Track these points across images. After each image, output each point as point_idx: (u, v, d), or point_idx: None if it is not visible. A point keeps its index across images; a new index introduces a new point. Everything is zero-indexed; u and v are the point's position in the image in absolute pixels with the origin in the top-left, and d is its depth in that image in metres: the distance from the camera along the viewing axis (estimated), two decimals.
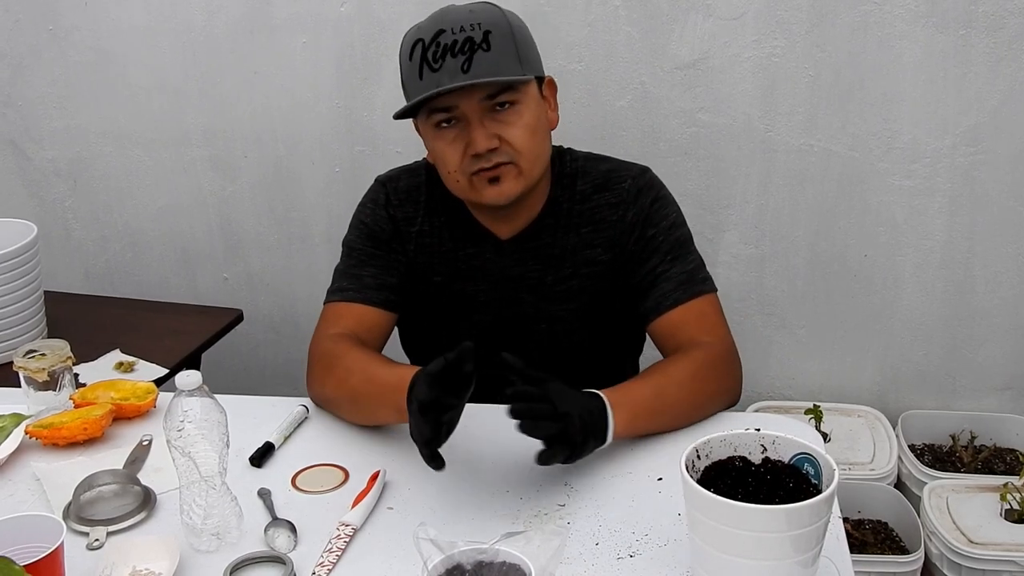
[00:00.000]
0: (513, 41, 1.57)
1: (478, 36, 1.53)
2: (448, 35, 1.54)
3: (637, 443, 1.52)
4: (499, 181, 1.60)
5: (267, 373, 2.90)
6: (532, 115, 1.60)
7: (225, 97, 2.65)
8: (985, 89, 2.37)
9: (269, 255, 2.80)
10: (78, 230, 2.87)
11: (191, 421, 1.29)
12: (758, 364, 2.66)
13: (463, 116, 1.57)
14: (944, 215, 2.49)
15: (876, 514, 2.45)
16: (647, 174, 1.74)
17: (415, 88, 1.57)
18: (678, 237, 1.70)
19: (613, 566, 1.29)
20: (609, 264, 1.71)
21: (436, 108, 1.58)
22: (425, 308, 1.76)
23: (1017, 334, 2.58)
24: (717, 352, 1.63)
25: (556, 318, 1.74)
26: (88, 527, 1.38)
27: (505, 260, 1.73)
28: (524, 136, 1.59)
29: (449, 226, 1.74)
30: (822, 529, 1.15)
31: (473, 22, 1.55)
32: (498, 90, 1.56)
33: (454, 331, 1.75)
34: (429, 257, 1.75)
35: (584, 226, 1.71)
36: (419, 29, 1.59)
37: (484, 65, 1.53)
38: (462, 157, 1.59)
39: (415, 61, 1.56)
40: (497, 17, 1.58)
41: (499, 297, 1.74)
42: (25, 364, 1.66)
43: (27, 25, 2.67)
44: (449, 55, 1.53)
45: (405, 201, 1.75)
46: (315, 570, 1.29)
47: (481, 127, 1.56)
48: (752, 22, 2.39)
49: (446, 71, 1.53)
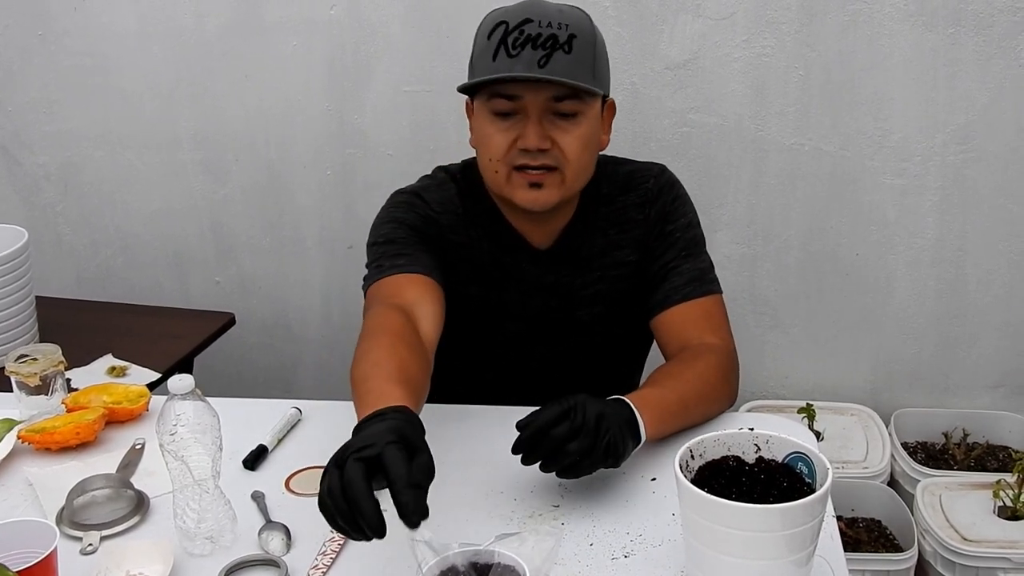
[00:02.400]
0: (594, 52, 1.57)
1: (563, 36, 1.52)
2: (534, 26, 1.52)
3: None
4: (540, 187, 1.58)
5: (260, 377, 2.89)
6: (589, 129, 1.59)
7: (216, 100, 2.65)
8: (975, 87, 2.38)
9: (261, 258, 2.79)
10: (69, 235, 2.86)
11: (184, 425, 1.29)
12: (751, 363, 2.66)
13: (523, 109, 1.55)
14: (935, 213, 2.50)
15: (870, 512, 2.45)
16: (667, 172, 1.76)
17: (485, 68, 1.55)
18: (694, 236, 1.73)
19: (607, 566, 1.29)
20: (636, 265, 1.72)
21: (500, 94, 1.55)
22: (454, 318, 1.66)
23: (1009, 331, 2.59)
24: (725, 356, 1.64)
25: (580, 323, 1.74)
26: (81, 532, 1.38)
27: (539, 269, 1.72)
28: (577, 147, 1.57)
29: (488, 237, 1.71)
30: (816, 528, 1.15)
31: (562, 21, 1.53)
32: (566, 94, 1.54)
33: (482, 340, 1.74)
34: (468, 268, 1.71)
35: (611, 228, 1.72)
36: (505, 12, 1.56)
37: (561, 65, 1.51)
38: (509, 147, 1.57)
39: (493, 41, 1.54)
40: (585, 25, 1.57)
41: (530, 305, 1.73)
42: (17, 368, 1.65)
43: (17, 30, 2.66)
44: (530, 46, 1.51)
45: (445, 211, 1.70)
46: (309, 573, 1.28)
47: (538, 124, 1.55)
48: (742, 22, 2.39)
49: (522, 60, 1.51)
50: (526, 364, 1.75)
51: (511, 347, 1.75)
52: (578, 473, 1.36)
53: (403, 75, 2.55)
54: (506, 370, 1.75)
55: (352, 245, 2.66)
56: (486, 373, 1.76)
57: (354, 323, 1.67)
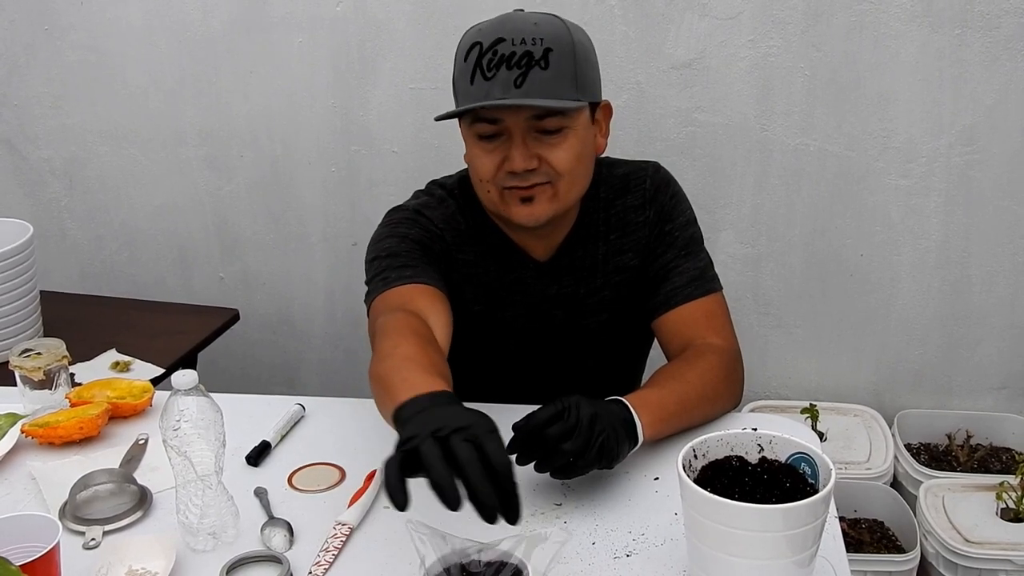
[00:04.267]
0: (573, 62, 1.50)
1: (538, 52, 1.46)
2: (507, 45, 1.47)
3: None
4: (531, 202, 1.55)
5: (263, 373, 2.89)
6: (578, 141, 1.55)
7: (221, 96, 2.65)
8: (980, 89, 2.37)
9: (265, 255, 2.80)
10: (74, 230, 2.87)
11: (187, 420, 1.29)
12: (754, 363, 2.65)
13: (506, 131, 1.51)
14: (940, 214, 2.49)
15: (872, 513, 2.45)
16: (661, 170, 1.73)
17: (464, 91, 1.52)
18: (692, 234, 1.71)
19: (610, 565, 1.29)
20: (638, 269, 1.70)
21: (481, 118, 1.52)
22: (459, 333, 1.61)
23: (1013, 333, 2.59)
24: (729, 357, 1.63)
25: (586, 331, 1.73)
26: (84, 526, 1.38)
27: (543, 281, 1.70)
28: (566, 161, 1.53)
29: (491, 254, 1.68)
30: (819, 528, 1.15)
31: (536, 36, 1.47)
32: (547, 112, 1.49)
33: (488, 355, 1.74)
34: (473, 286, 1.69)
35: (612, 232, 1.70)
36: (479, 31, 1.51)
37: (538, 84, 1.46)
38: (497, 170, 1.54)
39: (469, 63, 1.49)
40: (561, 34, 1.50)
41: (535, 319, 1.72)
42: (21, 363, 1.66)
43: (23, 24, 2.66)
44: (504, 66, 1.46)
45: (448, 228, 1.67)
46: (311, 569, 1.28)
47: (523, 146, 1.51)
48: (748, 22, 2.39)
49: (498, 82, 1.47)
50: (532, 374, 1.74)
51: (517, 360, 1.74)
52: (572, 474, 1.36)
53: (409, 73, 2.54)
54: (512, 380, 1.74)
55: (356, 242, 2.66)
56: (491, 383, 1.73)
57: (358, 320, 1.67)
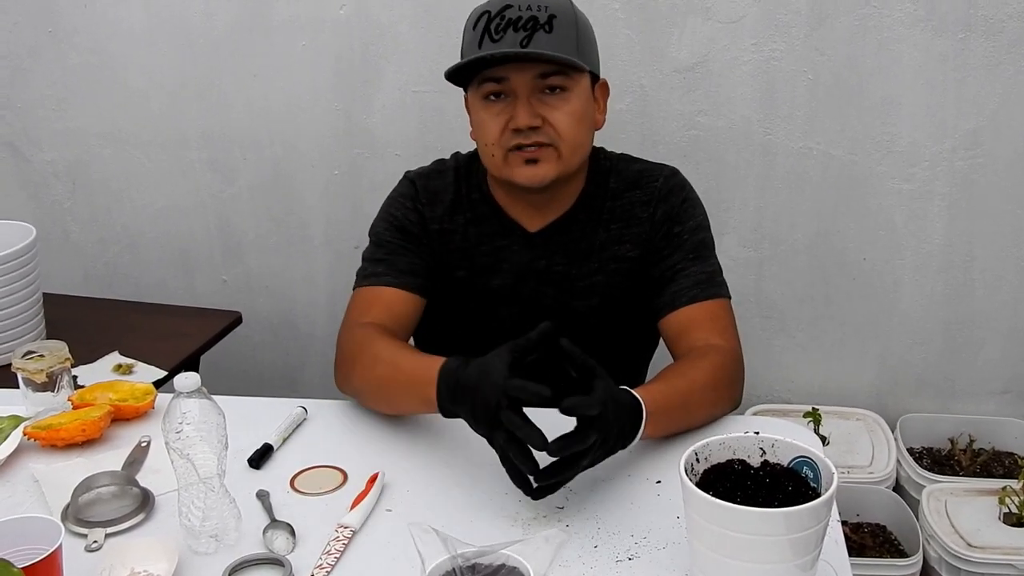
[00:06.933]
0: (576, 31, 1.62)
1: (543, 17, 1.58)
2: (514, 10, 1.58)
3: (636, 445, 1.52)
4: (536, 163, 1.63)
5: (265, 375, 2.89)
6: (580, 104, 1.63)
7: (224, 99, 2.65)
8: (984, 93, 2.37)
9: (268, 257, 2.80)
10: (77, 232, 2.87)
11: (190, 423, 1.29)
12: (757, 367, 2.66)
13: (512, 91, 1.61)
14: (943, 218, 2.49)
15: (875, 517, 2.45)
16: (678, 175, 1.78)
17: (472, 55, 1.60)
18: (702, 239, 1.74)
19: (612, 569, 1.29)
20: (636, 261, 1.74)
21: (488, 78, 1.61)
22: (447, 304, 1.78)
23: (1016, 337, 2.58)
24: (731, 358, 1.64)
25: (576, 313, 1.75)
26: (86, 529, 1.38)
27: (532, 252, 1.75)
28: (568, 122, 1.62)
29: (475, 222, 1.76)
30: (821, 532, 1.15)
31: (542, 4, 1.59)
32: (551, 71, 1.59)
33: (476, 326, 1.78)
34: (450, 254, 1.77)
35: (614, 222, 1.74)
36: (488, 2, 1.63)
37: (543, 44, 1.57)
38: (502, 131, 1.62)
39: (477, 31, 1.60)
40: (565, 6, 1.63)
41: (523, 290, 1.76)
42: (24, 365, 1.66)
43: (26, 27, 2.67)
44: (511, 29, 1.57)
45: (431, 201, 1.78)
46: (313, 572, 1.28)
47: (527, 104, 1.60)
48: (751, 25, 2.39)
49: (505, 43, 1.57)
50: None
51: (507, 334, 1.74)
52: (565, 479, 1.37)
53: (412, 75, 2.55)
54: None
55: (358, 245, 2.64)
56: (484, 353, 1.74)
57: None
